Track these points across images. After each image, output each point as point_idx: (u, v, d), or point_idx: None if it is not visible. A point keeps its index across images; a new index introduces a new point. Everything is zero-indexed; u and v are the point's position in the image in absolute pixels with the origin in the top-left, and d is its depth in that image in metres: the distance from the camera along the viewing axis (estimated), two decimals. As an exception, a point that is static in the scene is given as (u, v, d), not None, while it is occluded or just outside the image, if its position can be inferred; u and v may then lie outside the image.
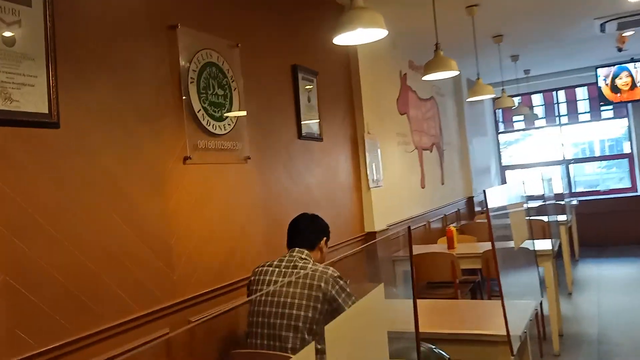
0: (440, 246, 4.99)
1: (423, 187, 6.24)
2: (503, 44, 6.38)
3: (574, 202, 8.41)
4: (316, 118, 3.87)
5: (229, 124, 2.82)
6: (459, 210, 7.37)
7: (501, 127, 10.86)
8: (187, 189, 2.51)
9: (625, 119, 9.49)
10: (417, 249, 4.97)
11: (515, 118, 10.62)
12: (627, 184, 9.59)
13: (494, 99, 10.44)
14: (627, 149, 9.71)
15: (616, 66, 8.55)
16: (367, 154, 4.50)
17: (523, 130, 11.12)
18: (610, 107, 9.46)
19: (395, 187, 5.28)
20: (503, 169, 10.60)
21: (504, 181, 10.51)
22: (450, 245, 4.71)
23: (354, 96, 4.56)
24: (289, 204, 3.43)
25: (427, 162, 6.45)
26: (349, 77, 4.55)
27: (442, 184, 7.05)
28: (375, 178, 4.62)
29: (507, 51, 6.97)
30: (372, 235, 4.50)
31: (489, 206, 2.23)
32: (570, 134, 10.50)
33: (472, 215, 7.75)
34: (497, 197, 2.68)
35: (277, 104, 3.40)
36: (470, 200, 8.18)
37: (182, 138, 2.50)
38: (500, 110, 10.74)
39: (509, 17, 5.47)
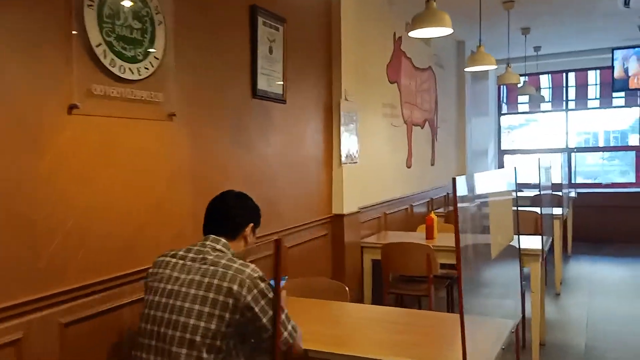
0: (419, 235, 4.41)
1: (409, 167, 5.62)
2: (514, 12, 5.68)
3: (572, 194, 7.81)
4: (279, 75, 3.22)
5: (146, 68, 2.19)
6: (448, 194, 6.77)
7: (505, 109, 10.19)
8: (72, 147, 1.89)
9: (637, 109, 8.82)
10: (392, 237, 4.39)
11: (520, 99, 9.94)
12: (631, 178, 8.99)
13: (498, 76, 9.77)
14: (633, 141, 9.08)
15: (637, 48, 7.83)
16: (341, 125, 3.87)
17: (527, 113, 10.46)
18: (622, 94, 8.79)
19: (375, 164, 4.67)
20: (502, 153, 9.97)
21: (501, 166, 9.89)
22: (429, 235, 4.13)
23: (332, 55, 3.90)
24: (234, 178, 2.82)
25: (416, 139, 5.82)
26: (328, 31, 3.88)
27: (433, 164, 6.43)
28: (349, 153, 3.99)
29: (517, 22, 6.27)
30: (339, 218, 3.90)
31: (459, 194, 1.67)
32: (577, 120, 9.88)
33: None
34: (480, 183, 2.14)
35: (224, 51, 2.75)
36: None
37: (67, 80, 1.87)
38: (504, 90, 10.06)
39: (523, -21, 4.77)
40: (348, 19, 3.97)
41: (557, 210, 5.84)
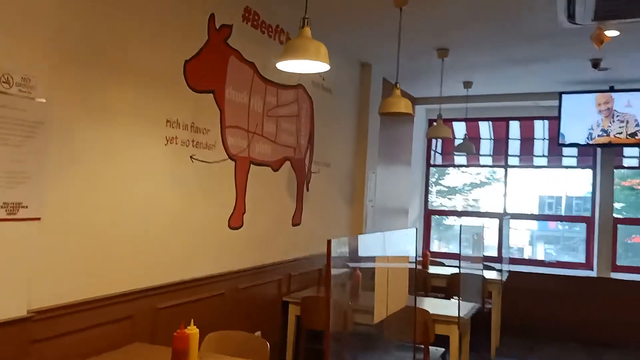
0: None
1: (237, 227, 3.64)
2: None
3: (504, 271, 5.95)
4: None
5: None
6: (321, 270, 4.79)
7: (438, 159, 8.43)
8: None
9: (591, 171, 7.12)
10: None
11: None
12: (581, 257, 7.20)
13: (430, 122, 8.06)
14: (586, 211, 7.36)
15: (588, 94, 6.16)
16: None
17: (463, 166, 8.73)
18: (574, 151, 7.12)
19: (120, 221, 2.68)
20: (429, 213, 8.12)
21: (427, 230, 8.03)
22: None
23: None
24: None
25: (261, 185, 3.88)
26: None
27: (297, 224, 4.47)
28: (19, 201, 2.00)
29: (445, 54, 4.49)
30: None
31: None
32: (521, 180, 8.20)
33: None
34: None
35: None
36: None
37: None
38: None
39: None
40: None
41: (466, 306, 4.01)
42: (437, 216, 8.39)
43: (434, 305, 4.10)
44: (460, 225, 5.11)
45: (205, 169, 3.28)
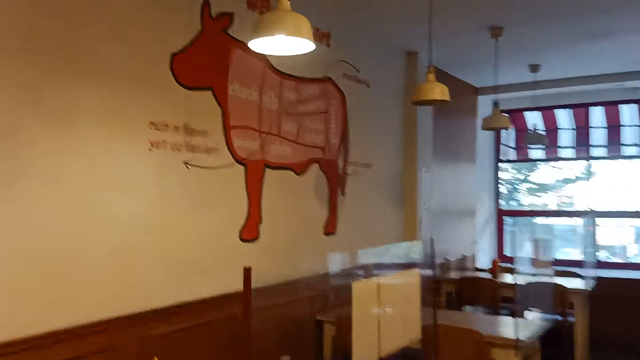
0: None
1: (251, 239, 3.24)
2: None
3: (589, 278, 5.15)
4: None
5: None
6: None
7: (510, 153, 7.62)
8: None
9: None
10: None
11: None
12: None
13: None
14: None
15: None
16: None
17: (541, 161, 7.86)
18: (670, 138, 6.11)
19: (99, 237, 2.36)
20: (501, 214, 7.33)
21: (500, 234, 7.25)
22: None
23: None
24: None
25: (279, 190, 3.47)
26: None
27: (331, 232, 4.00)
28: None
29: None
30: None
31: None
32: (611, 173, 7.26)
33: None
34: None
35: None
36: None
37: None
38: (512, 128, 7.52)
39: None
40: None
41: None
42: (521, 217, 7.56)
43: (489, 324, 3.48)
44: (533, 227, 4.49)
45: (205, 175, 2.91)
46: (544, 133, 6.38)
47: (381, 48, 4.66)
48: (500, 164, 7.44)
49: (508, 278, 5.47)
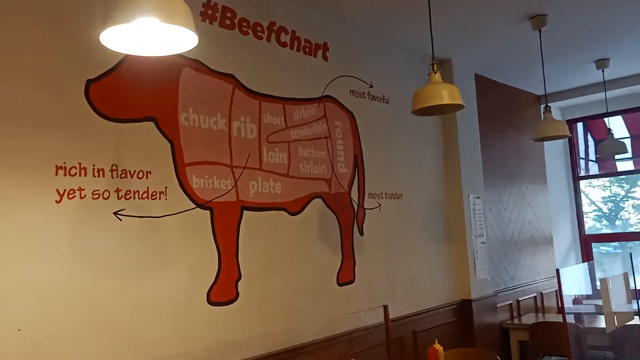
0: None
1: (226, 301, 2.59)
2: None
3: None
4: None
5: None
6: (403, 340, 3.45)
7: (591, 168, 6.51)
8: None
9: None
10: None
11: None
12: None
13: (570, 123, 6.21)
14: None
15: None
16: None
17: (627, 173, 6.64)
18: None
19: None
20: (586, 240, 6.17)
21: (589, 259, 6.08)
22: None
23: None
24: None
25: (265, 236, 2.81)
26: None
27: (348, 282, 3.26)
28: None
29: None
30: None
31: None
32: None
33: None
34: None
35: None
36: (465, 305, 4.19)
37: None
38: (584, 139, 6.45)
39: None
40: None
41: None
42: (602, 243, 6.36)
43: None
44: (630, 254, 3.68)
45: (149, 227, 2.32)
46: (627, 140, 5.30)
47: (400, 58, 3.96)
48: (580, 181, 6.32)
49: (598, 321, 4.42)
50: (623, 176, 6.49)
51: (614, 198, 7.40)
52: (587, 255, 6.07)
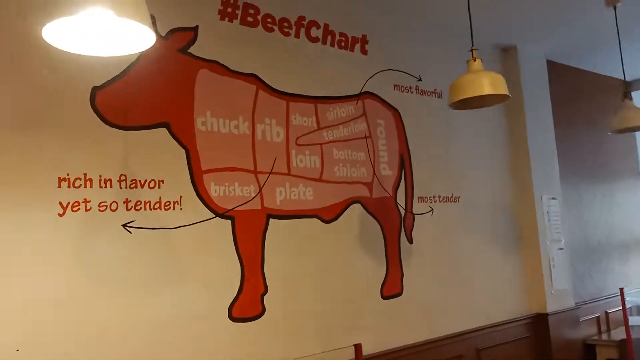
0: None
1: (250, 317, 2.41)
2: None
3: None
4: None
5: None
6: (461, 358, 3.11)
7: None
8: None
9: None
10: None
11: None
12: None
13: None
14: None
15: None
16: None
17: None
18: None
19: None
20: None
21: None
22: None
23: None
24: None
25: (296, 245, 2.61)
26: None
27: (395, 294, 2.98)
28: None
29: None
30: None
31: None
32: None
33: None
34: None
35: None
36: (541, 320, 3.75)
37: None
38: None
39: None
40: None
41: None
42: None
43: None
44: None
45: (162, 240, 2.20)
46: None
47: (452, 46, 3.61)
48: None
49: None
50: None
51: None
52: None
